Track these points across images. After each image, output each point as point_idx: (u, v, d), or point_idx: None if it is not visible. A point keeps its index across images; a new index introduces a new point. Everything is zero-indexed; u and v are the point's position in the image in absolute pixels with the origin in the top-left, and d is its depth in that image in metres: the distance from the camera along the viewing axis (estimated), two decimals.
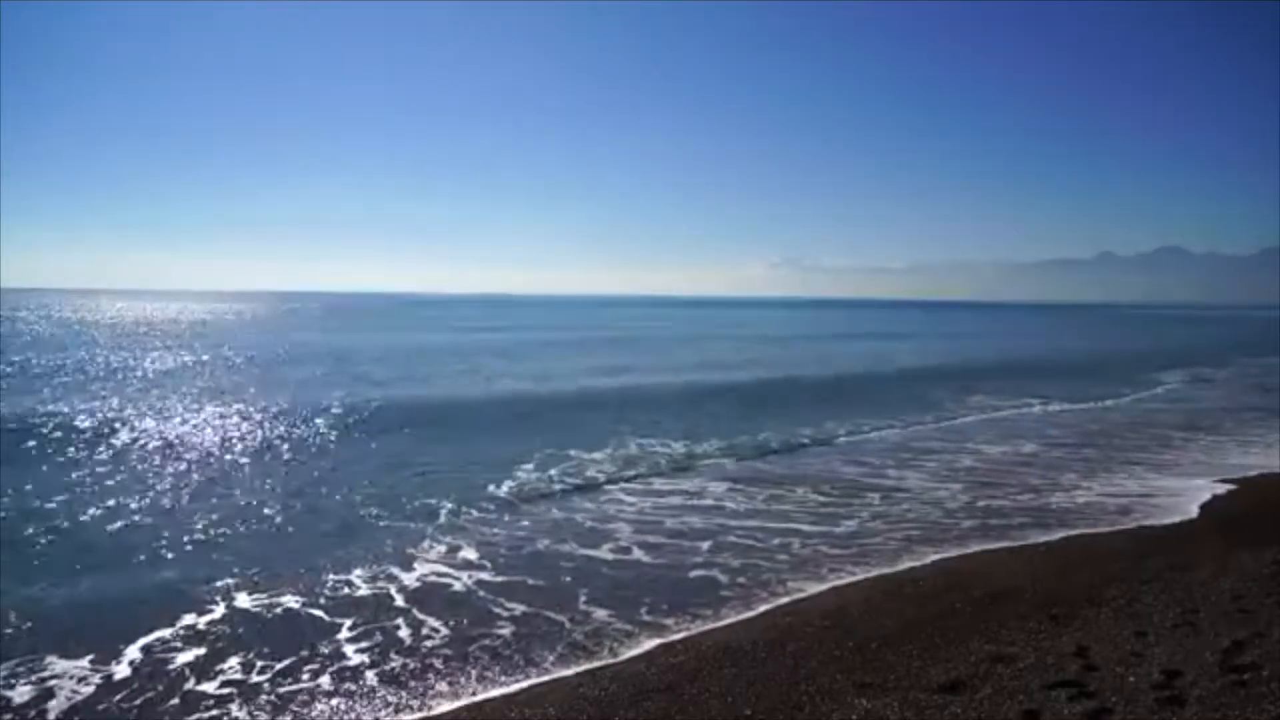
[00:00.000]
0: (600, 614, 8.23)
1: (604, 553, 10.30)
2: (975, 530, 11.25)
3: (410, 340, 55.62)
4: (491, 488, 13.53)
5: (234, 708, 6.37)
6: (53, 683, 6.74)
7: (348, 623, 8.04)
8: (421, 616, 8.23)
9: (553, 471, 14.77)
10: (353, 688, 6.71)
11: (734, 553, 10.21)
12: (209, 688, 6.69)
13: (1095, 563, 9.22)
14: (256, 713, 6.31)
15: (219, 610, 8.31)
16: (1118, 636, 6.80)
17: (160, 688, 6.71)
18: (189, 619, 8.07)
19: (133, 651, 7.32)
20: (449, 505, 12.40)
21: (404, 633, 7.83)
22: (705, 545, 10.54)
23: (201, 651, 7.35)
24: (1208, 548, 9.63)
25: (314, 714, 6.30)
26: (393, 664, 7.16)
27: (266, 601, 8.57)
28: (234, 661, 7.17)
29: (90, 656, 7.19)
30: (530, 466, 15.09)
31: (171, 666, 7.08)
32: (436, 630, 7.90)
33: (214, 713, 6.32)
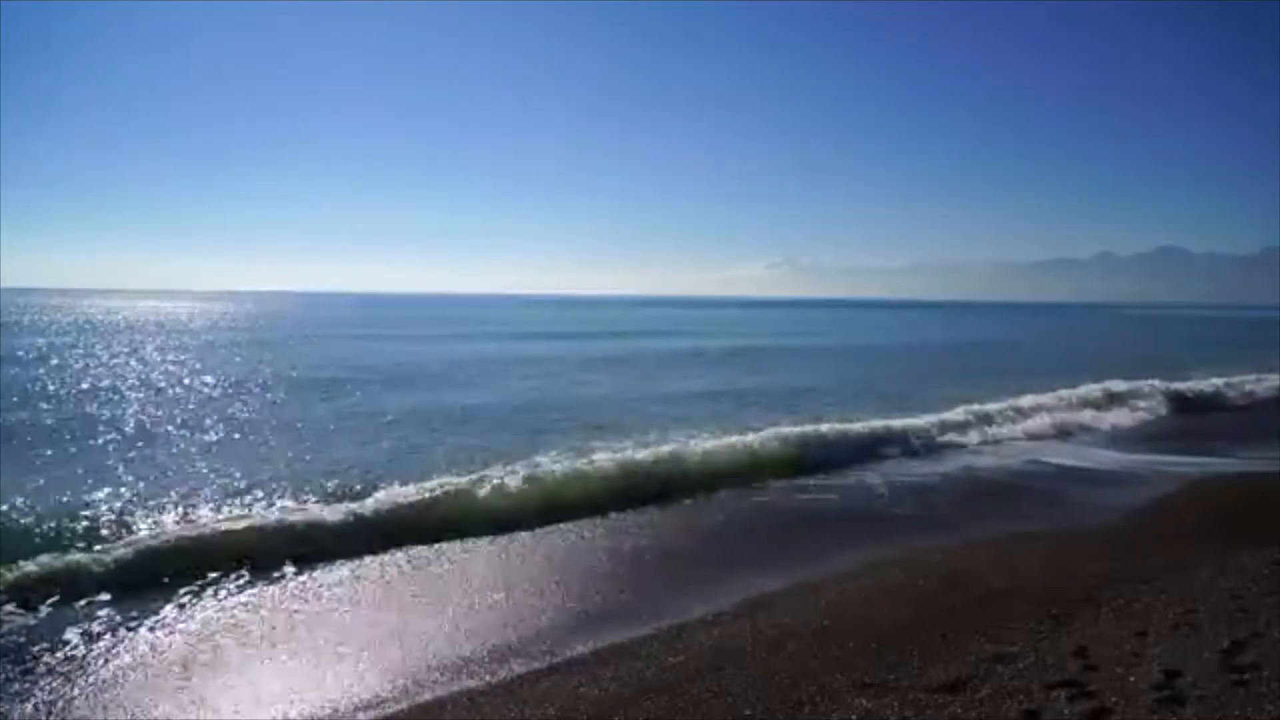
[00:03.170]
0: None
1: None
2: None
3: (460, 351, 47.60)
4: None
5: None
6: None
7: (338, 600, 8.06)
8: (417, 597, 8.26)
9: None
10: (338, 670, 6.72)
11: None
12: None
13: (1095, 562, 9.22)
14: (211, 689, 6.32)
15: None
16: (1118, 636, 6.79)
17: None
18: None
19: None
20: None
21: (395, 618, 7.86)
22: None
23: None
24: (1207, 547, 9.63)
25: (299, 698, 6.31)
26: (385, 648, 7.18)
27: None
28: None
29: None
30: None
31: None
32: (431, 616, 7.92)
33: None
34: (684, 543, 11.22)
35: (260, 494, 12.61)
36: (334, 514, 10.93)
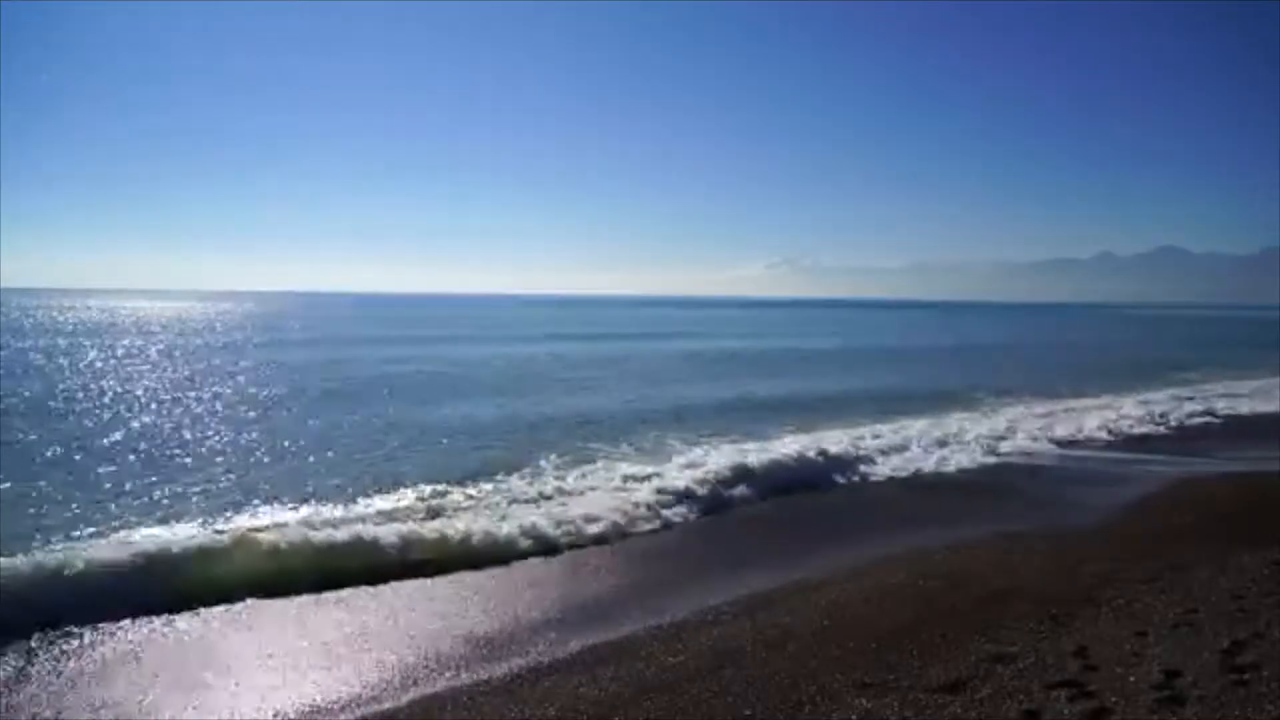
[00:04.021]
0: None
1: None
2: None
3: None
4: None
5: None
6: None
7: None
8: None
9: None
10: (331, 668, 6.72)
11: None
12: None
13: (1095, 562, 9.22)
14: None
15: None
16: (1118, 636, 6.80)
17: None
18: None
19: None
20: None
21: (400, 615, 7.86)
22: None
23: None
24: (1207, 547, 9.63)
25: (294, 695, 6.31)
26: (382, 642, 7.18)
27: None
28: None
29: None
30: None
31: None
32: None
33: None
34: (692, 546, 11.25)
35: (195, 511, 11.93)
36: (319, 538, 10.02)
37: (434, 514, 11.72)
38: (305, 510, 12.06)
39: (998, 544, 10.43)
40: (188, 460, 15.72)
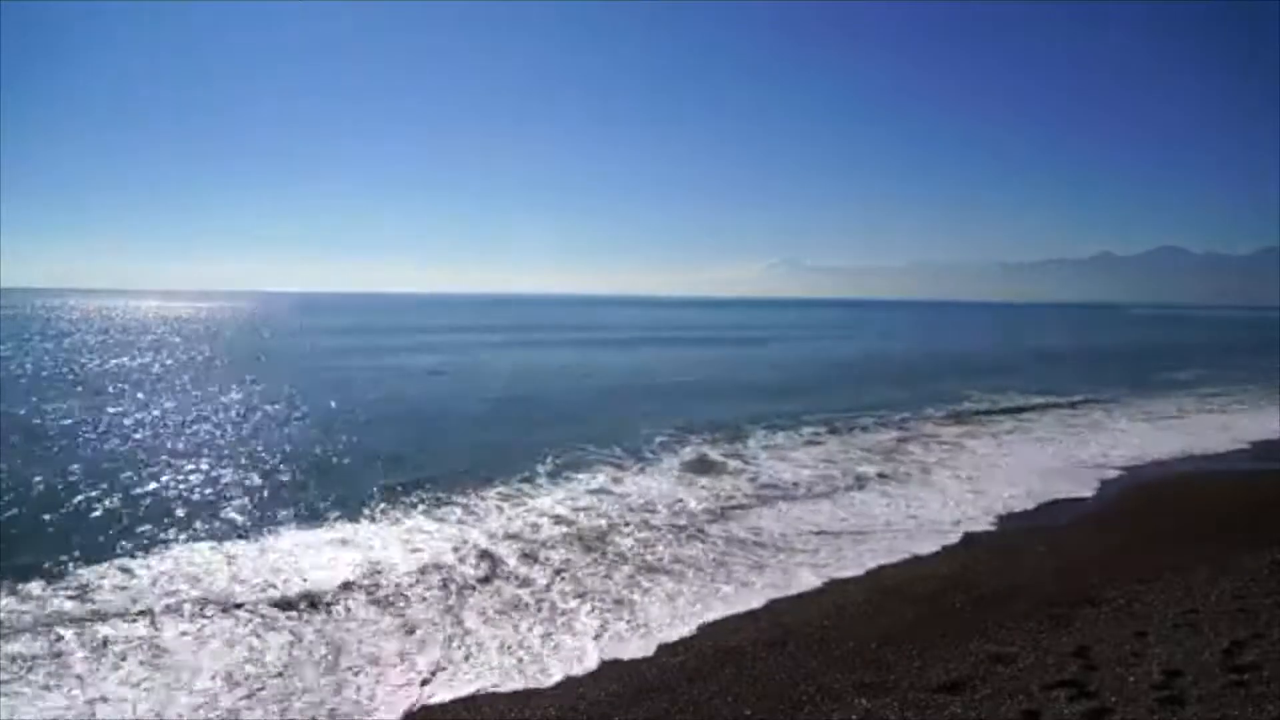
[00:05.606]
0: None
1: None
2: None
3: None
4: None
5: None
6: None
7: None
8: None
9: None
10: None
11: None
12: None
13: (1095, 563, 9.21)
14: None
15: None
16: (1118, 636, 6.80)
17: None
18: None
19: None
20: None
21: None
22: None
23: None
24: (1207, 547, 9.62)
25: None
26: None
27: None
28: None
29: None
30: None
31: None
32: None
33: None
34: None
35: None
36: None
37: None
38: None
39: (997, 544, 10.42)
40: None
